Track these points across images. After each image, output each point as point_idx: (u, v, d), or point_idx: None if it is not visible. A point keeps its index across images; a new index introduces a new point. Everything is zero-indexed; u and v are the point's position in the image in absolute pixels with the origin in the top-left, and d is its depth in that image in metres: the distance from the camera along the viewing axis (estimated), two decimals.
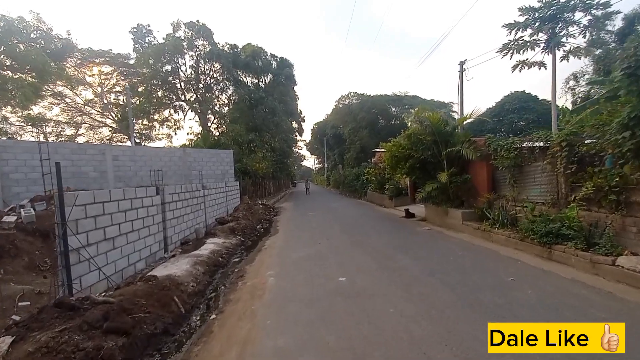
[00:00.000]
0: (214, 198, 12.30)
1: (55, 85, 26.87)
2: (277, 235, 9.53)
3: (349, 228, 10.02)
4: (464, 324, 3.40)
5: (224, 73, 25.41)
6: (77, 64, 26.32)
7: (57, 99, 28.34)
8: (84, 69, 27.33)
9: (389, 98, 39.89)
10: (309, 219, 12.67)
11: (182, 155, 15.09)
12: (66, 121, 30.03)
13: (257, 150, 22.87)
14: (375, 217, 12.99)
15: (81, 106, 29.43)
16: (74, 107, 29.30)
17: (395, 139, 11.65)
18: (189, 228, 9.39)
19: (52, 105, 28.57)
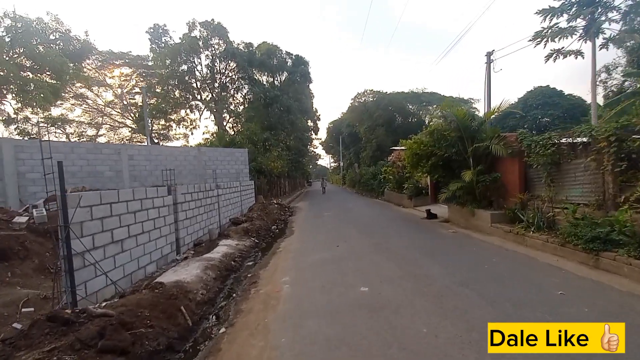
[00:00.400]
0: (228, 198, 12.04)
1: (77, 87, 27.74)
2: (293, 237, 9.13)
3: (367, 229, 9.51)
4: None
5: (239, 72, 25.30)
6: (98, 66, 26.95)
7: (79, 100, 29.25)
8: (104, 70, 27.99)
9: (406, 95, 38.94)
10: (325, 220, 12.22)
11: (197, 155, 14.95)
12: (88, 122, 30.91)
13: (272, 149, 22.62)
14: (395, 217, 12.40)
15: (102, 107, 30.19)
16: (95, 109, 30.09)
17: (416, 136, 11.02)
18: (202, 229, 9.13)
19: (74, 107, 29.52)
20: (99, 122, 31.51)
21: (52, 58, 14.92)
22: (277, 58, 29.60)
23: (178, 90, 25.47)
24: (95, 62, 26.63)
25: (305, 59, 30.82)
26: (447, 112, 9.85)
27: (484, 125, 9.96)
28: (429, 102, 39.49)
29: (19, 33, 15.27)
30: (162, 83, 24.25)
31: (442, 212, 12.25)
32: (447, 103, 9.66)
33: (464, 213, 10.16)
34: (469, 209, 9.65)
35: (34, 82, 18.09)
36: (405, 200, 16.63)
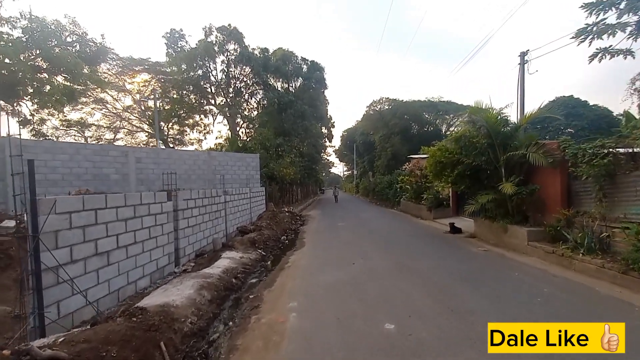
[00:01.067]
0: (237, 205, 11.38)
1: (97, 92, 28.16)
2: (303, 250, 8.30)
3: (386, 244, 8.59)
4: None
5: (254, 77, 24.98)
6: (118, 71, 27.28)
7: (100, 105, 29.73)
8: (124, 76, 28.30)
9: (422, 104, 38.13)
10: (339, 231, 11.35)
11: (207, 159, 14.42)
12: (107, 126, 31.32)
13: (285, 155, 22.00)
14: (414, 231, 11.41)
15: (120, 112, 30.54)
16: (114, 113, 30.49)
17: (440, 143, 10.10)
18: (206, 238, 8.44)
19: (94, 111, 30.00)
20: (117, 126, 31.91)
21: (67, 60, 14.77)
22: (292, 64, 29.24)
23: (193, 95, 25.32)
24: (116, 67, 26.99)
25: (321, 64, 30.37)
26: (476, 116, 8.92)
27: (518, 132, 8.97)
28: (445, 111, 38.68)
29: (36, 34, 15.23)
30: (178, 88, 24.13)
31: (467, 226, 11.20)
32: (476, 106, 8.71)
33: (494, 228, 9.12)
34: (501, 225, 8.62)
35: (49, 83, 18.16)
36: (424, 211, 15.59)
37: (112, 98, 29.79)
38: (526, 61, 9.80)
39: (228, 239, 10.09)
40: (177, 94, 24.86)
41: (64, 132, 28.79)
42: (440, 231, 11.24)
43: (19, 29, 14.86)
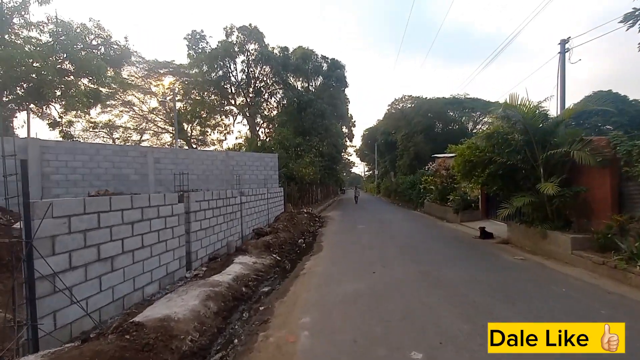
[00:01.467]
0: (253, 206, 11.09)
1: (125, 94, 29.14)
2: (320, 255, 7.83)
3: (410, 250, 7.96)
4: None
5: (274, 76, 24.83)
6: (145, 74, 28.06)
7: (127, 107, 30.76)
8: (150, 79, 29.05)
9: (446, 101, 36.60)
10: (359, 234, 10.79)
11: (224, 159, 14.28)
12: (133, 127, 32.36)
13: (305, 155, 21.64)
14: (440, 235, 10.66)
15: (146, 114, 31.44)
16: (140, 115, 31.43)
17: (470, 140, 9.33)
18: (220, 241, 8.16)
19: (122, 113, 31.08)
20: (144, 128, 32.89)
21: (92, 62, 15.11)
22: (312, 62, 28.87)
23: (214, 96, 25.53)
24: (142, 70, 27.77)
25: (341, 62, 29.81)
26: (510, 111, 8.09)
27: (558, 128, 8.06)
28: (472, 108, 36.94)
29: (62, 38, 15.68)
30: (199, 88, 24.38)
31: (499, 230, 10.33)
32: (511, 99, 7.88)
33: (530, 234, 8.28)
34: (539, 230, 7.78)
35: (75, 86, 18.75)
36: (449, 214, 14.71)
37: (139, 100, 30.78)
38: (567, 49, 8.83)
39: (244, 241, 9.81)
40: (198, 94, 25.13)
41: (93, 133, 30.01)
42: (469, 236, 10.43)
43: (46, 33, 15.36)
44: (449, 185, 16.03)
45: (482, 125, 38.08)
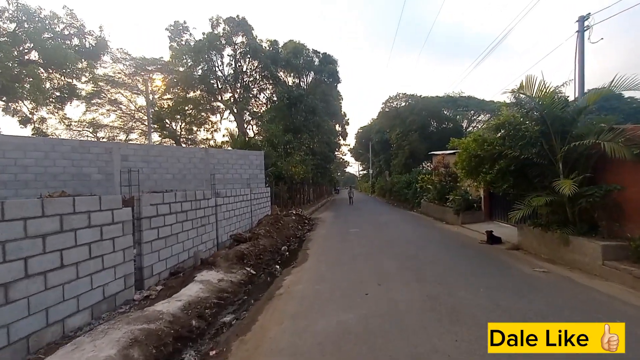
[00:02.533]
0: (233, 208, 9.85)
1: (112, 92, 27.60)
2: (304, 267, 6.60)
3: (410, 260, 6.77)
4: None
5: (263, 71, 23.54)
6: (132, 72, 26.50)
7: (114, 105, 29.19)
8: (137, 77, 27.47)
9: (441, 99, 35.99)
10: (351, 240, 9.58)
11: (204, 157, 12.98)
12: (120, 127, 30.75)
13: (295, 153, 20.40)
14: (442, 240, 9.50)
15: (134, 112, 29.84)
16: (127, 114, 29.85)
17: (475, 132, 8.20)
18: (187, 251, 6.90)
19: (109, 112, 29.49)
20: (131, 127, 31.28)
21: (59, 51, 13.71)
22: (303, 57, 27.64)
23: (199, 91, 24.12)
24: (130, 68, 26.20)
25: (334, 57, 28.63)
26: (525, 96, 6.97)
27: (580, 116, 6.96)
28: (466, 106, 36.60)
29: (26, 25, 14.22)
30: (182, 83, 23.00)
31: (506, 234, 9.25)
32: (528, 81, 6.74)
33: (547, 240, 7.17)
34: (559, 235, 6.67)
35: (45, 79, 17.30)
36: (449, 215, 13.61)
37: (126, 99, 29.27)
38: (586, 27, 7.75)
39: (220, 248, 8.57)
40: (182, 89, 23.73)
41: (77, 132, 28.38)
42: (474, 240, 9.30)
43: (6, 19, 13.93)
44: (448, 184, 14.95)
45: (477, 124, 37.59)
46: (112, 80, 26.72)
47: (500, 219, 11.75)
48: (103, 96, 27.56)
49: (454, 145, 9.12)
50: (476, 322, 3.51)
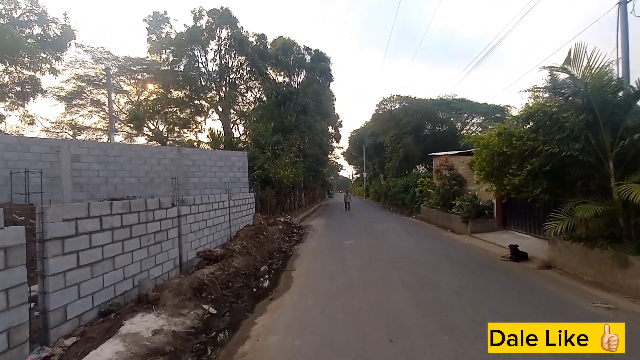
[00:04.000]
0: (205, 218, 8.18)
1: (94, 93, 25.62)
2: (284, 303, 4.90)
3: (427, 291, 5.06)
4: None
5: (250, 67, 21.90)
6: (115, 72, 24.58)
7: (97, 107, 27.21)
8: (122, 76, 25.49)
9: (434, 102, 34.93)
10: (346, 257, 7.94)
11: (176, 157, 11.26)
12: (103, 128, 28.67)
13: (284, 154, 18.75)
14: (458, 256, 7.86)
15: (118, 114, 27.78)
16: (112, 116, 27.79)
17: (500, 125, 6.70)
18: (131, 278, 5.21)
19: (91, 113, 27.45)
20: (116, 129, 29.21)
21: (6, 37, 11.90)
22: (294, 54, 26.10)
23: (181, 89, 22.33)
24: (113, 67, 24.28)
25: (326, 55, 27.19)
26: (566, 75, 5.48)
27: (638, 102, 5.50)
28: (459, 109, 35.72)
29: None
30: (161, 80, 21.22)
31: (530, 247, 7.75)
32: (573, 57, 5.27)
33: (593, 259, 5.66)
34: (614, 255, 5.16)
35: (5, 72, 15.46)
36: (456, 222, 12.10)
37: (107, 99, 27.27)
38: None
39: (184, 270, 6.88)
40: (162, 86, 21.94)
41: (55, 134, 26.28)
42: (493, 255, 7.77)
43: None
44: (453, 188, 13.48)
45: (471, 127, 36.71)
46: (94, 80, 24.84)
47: (516, 228, 10.27)
48: (84, 97, 25.59)
49: (469, 141, 7.60)
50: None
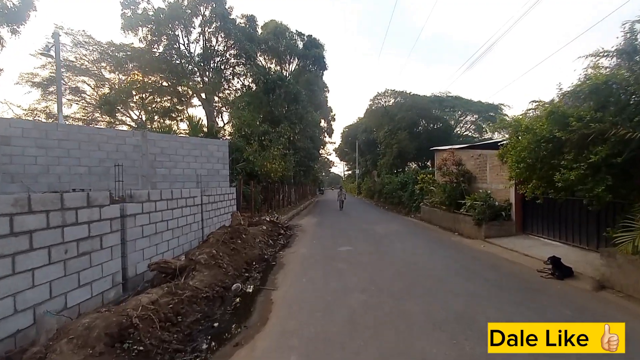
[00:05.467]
0: (165, 219, 6.46)
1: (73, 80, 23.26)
2: (254, 354, 3.25)
3: (467, 333, 3.46)
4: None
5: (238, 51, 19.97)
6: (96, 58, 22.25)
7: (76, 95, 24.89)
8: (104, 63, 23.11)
9: (428, 99, 33.85)
10: (343, 272, 6.25)
11: (139, 144, 9.41)
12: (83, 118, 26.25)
13: (272, 146, 16.98)
14: (483, 271, 6.24)
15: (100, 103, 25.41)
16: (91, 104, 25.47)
17: (545, 104, 5.13)
18: (21, 313, 3.47)
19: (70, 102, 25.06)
20: (95, 118, 26.82)
21: None
22: (286, 39, 24.24)
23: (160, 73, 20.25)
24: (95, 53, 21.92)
25: (320, 41, 25.38)
26: None
27: None
28: (452, 106, 34.99)
29: None
30: (136, 60, 19.16)
31: (568, 258, 6.23)
32: None
33: None
34: None
35: None
36: (465, 225, 10.62)
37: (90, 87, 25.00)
38: None
39: (132, 290, 5.16)
40: (139, 69, 19.85)
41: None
42: (526, 269, 6.25)
43: None
44: (460, 186, 11.99)
45: (464, 124, 35.81)
46: (73, 66, 22.53)
47: (540, 233, 8.82)
48: (63, 83, 23.22)
49: (502, 126, 6.02)
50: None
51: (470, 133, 35.47)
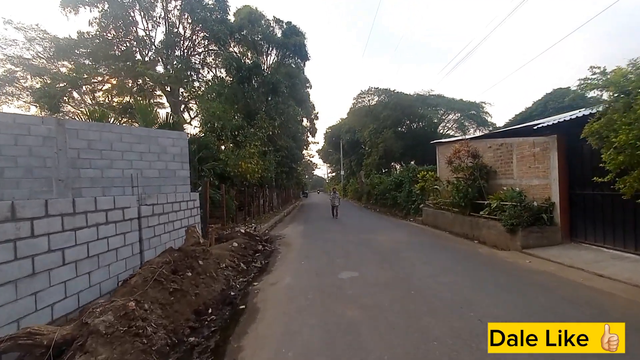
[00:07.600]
0: (59, 245, 3.83)
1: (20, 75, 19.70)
2: None
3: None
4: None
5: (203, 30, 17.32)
6: (51, 55, 18.81)
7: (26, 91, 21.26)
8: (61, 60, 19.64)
9: (412, 98, 32.74)
10: (353, 326, 3.89)
11: (52, 135, 6.67)
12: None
13: (248, 143, 14.41)
14: (574, 311, 4.13)
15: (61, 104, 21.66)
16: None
17: None
18: None
19: (29, 105, 21.39)
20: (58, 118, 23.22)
21: None
22: (262, 28, 21.72)
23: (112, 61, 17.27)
24: (49, 50, 18.48)
25: (300, 29, 23.02)
26: None
27: None
28: (436, 105, 34.17)
29: None
30: (83, 46, 16.14)
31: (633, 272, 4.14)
32: None
33: None
34: None
35: None
36: (490, 232, 8.50)
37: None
38: None
39: None
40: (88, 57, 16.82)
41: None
42: (625, 303, 4.09)
43: None
44: (476, 182, 9.90)
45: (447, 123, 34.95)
46: (29, 64, 18.97)
47: (596, 240, 6.76)
48: (16, 84, 19.45)
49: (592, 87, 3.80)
50: None
51: (453, 132, 34.72)
